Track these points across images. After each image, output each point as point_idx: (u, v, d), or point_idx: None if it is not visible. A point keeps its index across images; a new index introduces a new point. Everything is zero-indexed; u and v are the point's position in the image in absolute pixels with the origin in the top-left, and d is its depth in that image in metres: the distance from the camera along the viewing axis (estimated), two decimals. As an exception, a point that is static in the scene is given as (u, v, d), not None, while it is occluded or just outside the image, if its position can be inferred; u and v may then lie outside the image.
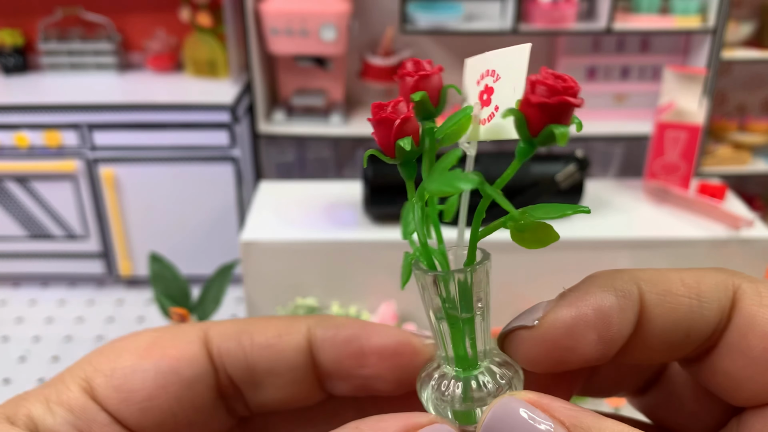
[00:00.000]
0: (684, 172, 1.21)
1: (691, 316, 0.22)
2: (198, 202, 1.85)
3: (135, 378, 0.23)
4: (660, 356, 0.23)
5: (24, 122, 1.75)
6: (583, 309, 0.22)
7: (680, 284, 0.22)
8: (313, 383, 0.25)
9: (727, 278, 0.22)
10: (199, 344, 0.24)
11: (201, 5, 1.87)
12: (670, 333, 0.22)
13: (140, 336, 0.24)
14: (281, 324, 0.25)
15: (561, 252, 1.14)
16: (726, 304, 0.22)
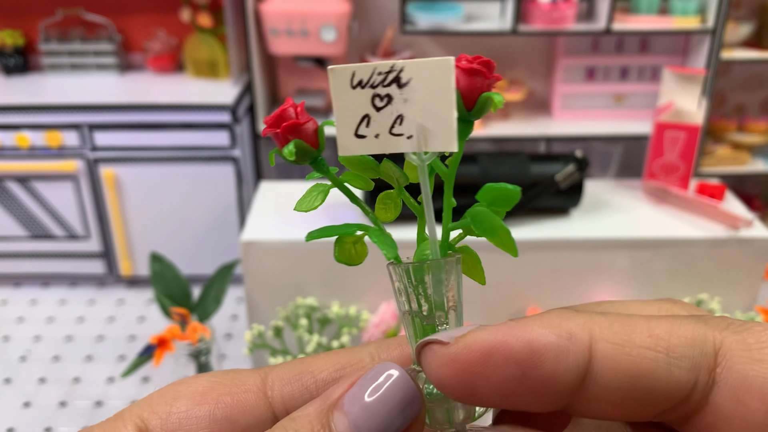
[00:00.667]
0: (683, 173, 1.21)
1: (655, 372, 0.19)
2: (198, 202, 1.86)
3: (189, 423, 0.23)
4: (620, 414, 0.21)
5: (25, 122, 1.76)
6: (509, 339, 0.20)
7: (646, 335, 0.20)
8: None
9: (707, 332, 0.20)
10: (256, 392, 0.24)
11: (201, 6, 1.87)
12: (629, 389, 0.20)
13: (198, 381, 0.24)
14: (341, 357, 0.24)
15: (561, 252, 1.15)
16: (702, 362, 0.19)
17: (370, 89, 0.21)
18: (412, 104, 0.21)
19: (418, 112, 0.21)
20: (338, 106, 0.22)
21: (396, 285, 0.23)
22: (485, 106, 0.21)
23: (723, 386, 0.19)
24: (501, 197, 0.22)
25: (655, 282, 1.17)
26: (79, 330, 1.81)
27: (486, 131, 1.86)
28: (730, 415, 0.19)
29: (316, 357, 0.25)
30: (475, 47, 1.95)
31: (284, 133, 0.22)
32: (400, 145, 0.21)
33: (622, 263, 1.16)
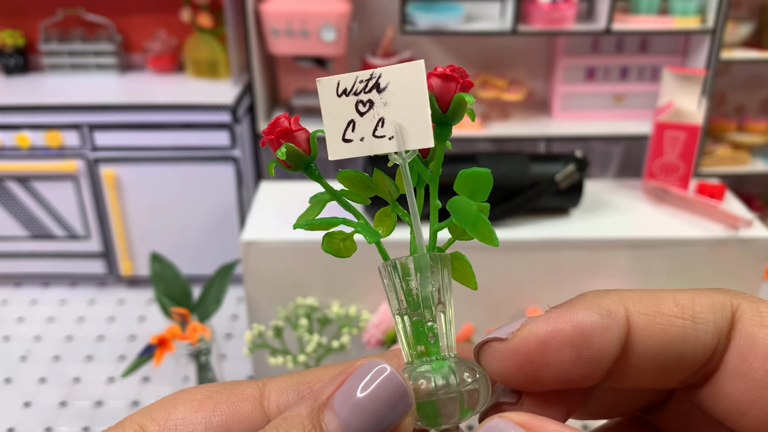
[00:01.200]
0: (683, 173, 1.21)
1: (684, 338, 0.21)
2: (199, 202, 1.86)
3: (186, 429, 0.23)
4: (655, 380, 0.22)
5: (25, 122, 1.76)
6: (560, 325, 0.21)
7: (672, 305, 0.21)
8: None
9: (725, 298, 0.21)
10: (252, 402, 0.24)
11: (201, 6, 1.87)
12: (663, 356, 0.21)
13: (197, 390, 0.25)
14: (338, 368, 0.24)
15: (561, 252, 1.15)
16: (723, 325, 0.21)
17: (353, 96, 0.23)
18: (390, 107, 0.23)
19: (396, 114, 0.23)
20: (326, 114, 0.24)
21: (386, 282, 0.24)
22: (459, 107, 0.23)
23: (733, 347, 0.21)
24: (476, 184, 0.24)
25: (655, 282, 1.17)
26: (80, 330, 1.81)
27: (486, 131, 1.86)
28: (734, 371, 0.21)
29: (313, 369, 0.25)
30: (475, 47, 1.95)
31: (277, 138, 0.24)
32: (383, 146, 0.23)
33: (622, 263, 1.16)
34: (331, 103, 0.24)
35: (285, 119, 0.24)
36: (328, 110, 0.24)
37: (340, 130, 0.23)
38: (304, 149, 0.24)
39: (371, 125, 0.23)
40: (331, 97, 0.24)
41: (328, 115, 0.24)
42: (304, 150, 0.24)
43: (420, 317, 0.23)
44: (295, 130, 0.24)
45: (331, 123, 0.24)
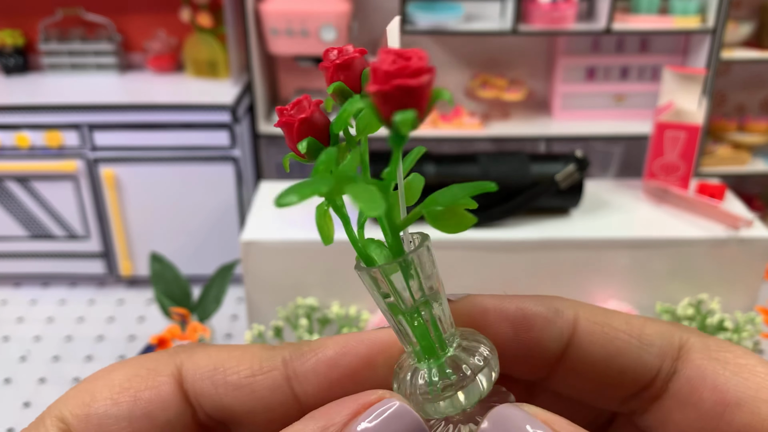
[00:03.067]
0: (683, 172, 1.21)
1: (628, 354, 0.22)
2: (198, 202, 1.86)
3: (109, 425, 0.23)
4: (595, 393, 0.23)
5: (25, 122, 1.76)
6: (506, 303, 0.23)
7: (623, 322, 0.23)
8: (301, 413, 0.23)
9: (675, 330, 0.22)
10: (173, 384, 0.23)
11: (201, 6, 1.87)
12: (604, 366, 0.22)
13: (113, 375, 0.24)
14: (255, 360, 0.23)
15: (561, 252, 1.14)
16: (669, 352, 0.22)
17: None
18: None
19: None
20: None
21: (369, 287, 0.22)
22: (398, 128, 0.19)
23: (681, 376, 0.22)
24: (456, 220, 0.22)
25: (655, 282, 1.17)
26: (79, 330, 1.81)
27: (486, 131, 1.86)
28: (683, 401, 0.22)
29: (231, 351, 0.24)
30: (475, 47, 1.95)
31: (299, 126, 0.21)
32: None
33: (623, 263, 1.16)
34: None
35: (307, 103, 0.21)
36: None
37: None
38: (324, 139, 0.22)
39: None
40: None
41: None
42: (324, 140, 0.22)
43: (415, 319, 0.22)
44: (318, 117, 0.21)
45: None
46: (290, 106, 0.21)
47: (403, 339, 0.22)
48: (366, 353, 0.23)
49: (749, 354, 0.21)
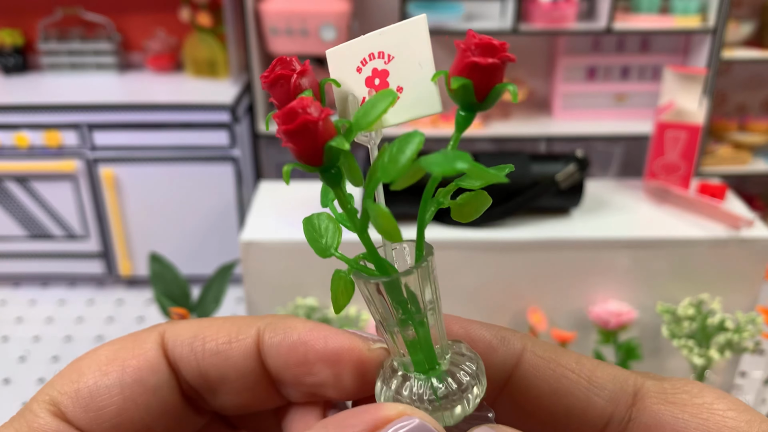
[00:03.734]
0: (684, 172, 1.21)
1: (576, 394, 0.21)
2: (198, 202, 1.85)
3: (101, 395, 0.23)
4: (542, 429, 0.22)
5: (24, 122, 1.75)
6: (453, 325, 0.23)
7: (573, 361, 0.22)
8: (268, 389, 0.24)
9: (629, 375, 0.22)
10: (157, 350, 0.24)
11: (201, 5, 1.87)
12: (549, 403, 0.22)
13: (99, 352, 0.24)
14: (233, 328, 0.24)
15: (561, 252, 1.14)
16: (621, 397, 0.21)
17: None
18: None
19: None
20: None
21: (365, 294, 0.21)
22: (495, 100, 0.20)
23: (637, 423, 0.21)
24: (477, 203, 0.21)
25: (655, 282, 1.17)
26: (79, 330, 1.81)
27: (486, 131, 1.85)
28: None
29: (211, 322, 0.25)
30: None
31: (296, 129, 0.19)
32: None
33: (623, 263, 1.15)
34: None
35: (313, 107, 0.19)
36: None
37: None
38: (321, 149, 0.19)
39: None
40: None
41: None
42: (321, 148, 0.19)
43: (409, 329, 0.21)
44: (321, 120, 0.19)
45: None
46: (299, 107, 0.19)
47: (395, 348, 0.22)
48: (322, 351, 0.23)
49: (706, 390, 0.21)
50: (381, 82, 0.21)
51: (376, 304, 0.21)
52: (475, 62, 0.19)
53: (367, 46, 0.21)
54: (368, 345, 0.23)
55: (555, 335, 1.12)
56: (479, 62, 0.19)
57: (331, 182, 0.20)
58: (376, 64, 0.21)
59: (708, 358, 1.03)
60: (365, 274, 0.21)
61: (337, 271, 0.21)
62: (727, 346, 1.04)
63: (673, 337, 1.07)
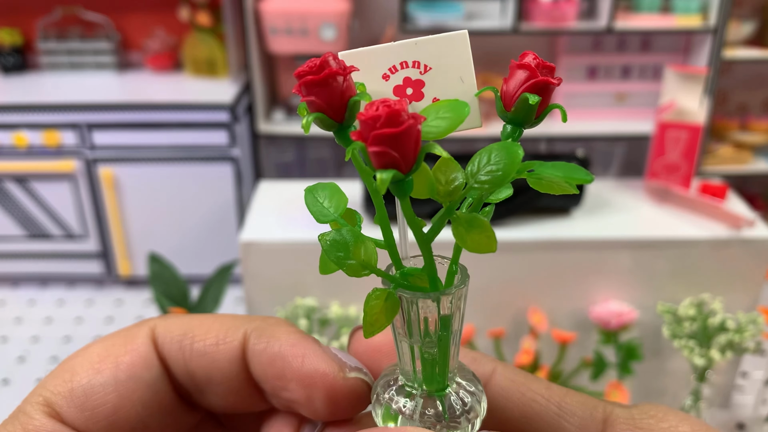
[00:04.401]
0: (685, 172, 1.20)
1: (545, 419, 0.22)
2: (197, 202, 1.85)
3: (96, 393, 0.22)
4: None
5: (23, 122, 1.75)
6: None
7: (543, 387, 0.22)
8: (252, 393, 0.24)
9: (598, 403, 0.22)
10: (148, 345, 0.24)
11: (200, 4, 1.86)
12: (519, 426, 0.22)
13: (90, 349, 0.24)
14: (221, 329, 0.24)
15: (562, 252, 1.14)
16: (591, 424, 0.22)
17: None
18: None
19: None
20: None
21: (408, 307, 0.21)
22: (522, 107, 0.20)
23: None
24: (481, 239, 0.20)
25: (656, 282, 1.16)
26: (78, 330, 1.80)
27: (486, 131, 1.85)
28: None
29: (202, 319, 0.24)
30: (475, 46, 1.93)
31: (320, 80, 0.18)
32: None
33: (624, 263, 1.15)
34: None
35: (334, 60, 0.19)
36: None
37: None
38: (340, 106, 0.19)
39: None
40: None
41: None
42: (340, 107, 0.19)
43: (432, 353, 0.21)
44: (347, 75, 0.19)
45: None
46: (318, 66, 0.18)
47: (408, 362, 0.22)
48: (297, 371, 0.23)
49: (670, 414, 0.21)
50: (415, 92, 0.21)
51: (408, 319, 0.21)
52: (548, 82, 0.20)
53: (400, 53, 0.21)
54: (344, 373, 0.22)
55: (556, 335, 1.12)
56: (551, 82, 0.20)
57: (345, 141, 0.20)
58: (410, 73, 0.21)
59: (709, 359, 1.03)
60: (418, 291, 0.20)
61: (375, 290, 0.20)
62: (728, 346, 1.03)
63: (674, 338, 1.07)
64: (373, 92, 0.21)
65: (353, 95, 0.19)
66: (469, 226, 0.19)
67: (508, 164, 0.18)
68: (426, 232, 0.20)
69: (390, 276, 0.20)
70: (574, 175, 0.20)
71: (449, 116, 0.19)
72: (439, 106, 0.20)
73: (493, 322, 1.17)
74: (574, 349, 1.17)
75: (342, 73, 0.19)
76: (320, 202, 0.21)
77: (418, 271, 0.20)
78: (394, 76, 0.21)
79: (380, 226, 0.20)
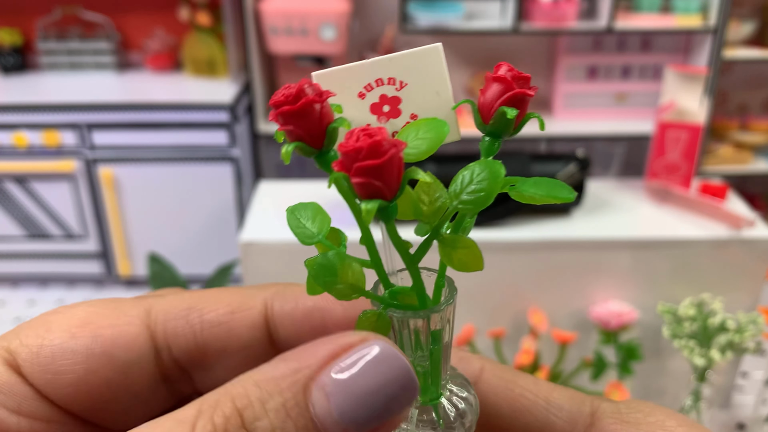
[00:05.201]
0: (685, 172, 1.20)
1: (534, 414, 0.22)
2: (197, 202, 1.85)
3: (64, 359, 0.21)
4: None
5: (22, 122, 1.75)
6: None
7: (531, 382, 0.22)
8: (269, 359, 0.23)
9: (585, 397, 0.22)
10: (139, 325, 0.22)
11: (200, 4, 1.86)
12: (508, 422, 0.22)
13: (74, 310, 0.22)
14: (234, 298, 0.23)
15: (561, 252, 1.14)
16: (579, 418, 0.22)
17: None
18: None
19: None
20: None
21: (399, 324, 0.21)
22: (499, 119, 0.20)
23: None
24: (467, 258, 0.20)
25: (656, 282, 1.16)
26: (78, 330, 1.80)
27: (486, 130, 1.85)
28: None
29: (205, 293, 0.23)
30: (475, 46, 1.94)
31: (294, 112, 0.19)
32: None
33: (624, 263, 1.15)
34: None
35: (309, 87, 0.19)
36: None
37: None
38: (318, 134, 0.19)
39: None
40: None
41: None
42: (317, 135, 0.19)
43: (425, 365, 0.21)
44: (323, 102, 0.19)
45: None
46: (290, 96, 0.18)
47: None
48: (341, 317, 0.22)
49: (657, 410, 0.21)
50: (392, 109, 0.21)
51: (399, 338, 0.20)
52: (524, 93, 0.20)
53: (374, 71, 0.20)
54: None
55: (556, 336, 1.12)
56: (528, 93, 0.20)
57: (326, 167, 0.20)
58: (386, 90, 0.20)
59: (709, 359, 1.03)
60: (408, 311, 0.20)
61: (365, 312, 0.20)
62: (728, 346, 1.03)
63: (674, 338, 1.07)
64: (350, 112, 0.21)
65: (331, 121, 0.19)
66: (456, 246, 0.19)
67: (491, 184, 0.19)
68: (412, 253, 0.20)
69: (380, 297, 0.20)
70: (555, 194, 0.20)
71: (429, 137, 0.19)
72: (419, 125, 0.20)
73: (493, 323, 1.17)
74: (574, 350, 1.17)
75: (319, 101, 0.18)
76: (303, 224, 0.20)
77: (407, 289, 0.20)
78: (370, 94, 0.21)
79: (366, 247, 0.20)
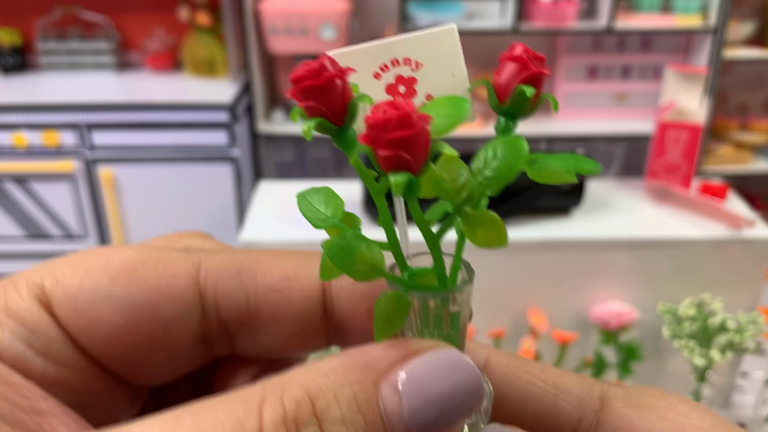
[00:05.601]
0: (685, 172, 1.20)
1: (543, 400, 0.22)
2: (197, 203, 1.85)
3: (104, 306, 0.19)
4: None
5: (22, 122, 1.75)
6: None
7: (539, 369, 0.22)
8: (321, 333, 0.22)
9: (594, 382, 0.22)
10: (188, 279, 0.21)
11: (200, 4, 1.86)
12: (517, 410, 0.22)
13: (118, 253, 0.21)
14: (290, 264, 0.22)
15: (561, 252, 1.14)
16: (588, 402, 0.21)
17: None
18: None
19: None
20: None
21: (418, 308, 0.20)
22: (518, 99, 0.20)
23: (606, 426, 0.21)
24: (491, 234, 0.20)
25: (656, 282, 1.16)
26: (77, 330, 1.80)
27: (486, 131, 1.85)
28: None
29: (259, 254, 0.22)
30: (475, 46, 1.94)
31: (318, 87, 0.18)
32: None
33: (624, 263, 1.15)
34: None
35: (330, 63, 0.18)
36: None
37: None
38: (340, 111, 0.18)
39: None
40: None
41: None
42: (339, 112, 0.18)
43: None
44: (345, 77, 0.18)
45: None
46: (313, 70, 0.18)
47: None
48: None
49: (669, 395, 0.21)
50: (408, 90, 0.21)
51: (417, 320, 0.20)
52: (542, 73, 0.20)
53: (390, 51, 0.20)
54: None
55: (556, 336, 1.12)
56: (545, 73, 0.20)
57: (346, 145, 0.19)
58: (402, 71, 0.20)
59: (709, 359, 1.02)
60: (427, 290, 0.20)
61: (384, 294, 0.19)
62: (728, 346, 1.03)
63: (674, 338, 1.07)
64: (365, 92, 0.20)
65: (351, 97, 0.19)
66: (480, 223, 0.19)
67: (515, 158, 0.18)
68: (435, 231, 0.19)
69: (400, 279, 0.20)
70: (580, 166, 0.19)
71: (450, 114, 0.19)
72: (438, 104, 0.19)
73: (493, 323, 1.17)
74: (574, 350, 1.17)
75: (340, 76, 0.18)
76: (316, 208, 0.20)
77: (427, 271, 0.20)
78: (386, 75, 0.21)
79: (384, 228, 0.20)
